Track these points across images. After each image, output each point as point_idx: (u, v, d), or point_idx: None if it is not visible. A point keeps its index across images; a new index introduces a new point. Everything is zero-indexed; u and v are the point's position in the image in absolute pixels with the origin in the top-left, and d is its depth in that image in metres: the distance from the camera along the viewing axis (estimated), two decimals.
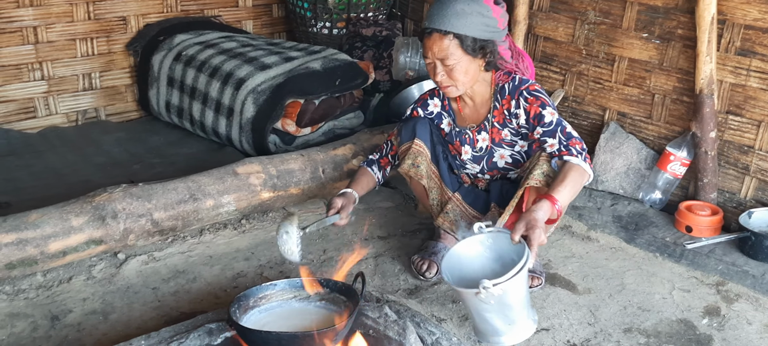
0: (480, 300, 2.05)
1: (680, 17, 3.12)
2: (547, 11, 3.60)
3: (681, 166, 3.17)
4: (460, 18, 2.36)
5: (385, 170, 2.80)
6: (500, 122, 2.58)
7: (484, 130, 2.62)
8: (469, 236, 2.29)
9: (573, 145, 2.39)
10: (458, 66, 2.42)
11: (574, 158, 2.36)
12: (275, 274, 2.73)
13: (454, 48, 2.39)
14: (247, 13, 4.72)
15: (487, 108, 2.60)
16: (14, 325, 2.35)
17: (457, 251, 2.30)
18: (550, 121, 2.43)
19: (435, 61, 2.44)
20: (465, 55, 2.41)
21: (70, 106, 4.12)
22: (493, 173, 2.72)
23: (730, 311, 2.60)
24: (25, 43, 3.87)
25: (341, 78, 3.67)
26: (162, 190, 2.77)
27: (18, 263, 2.45)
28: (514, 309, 2.13)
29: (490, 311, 2.11)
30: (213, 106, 3.73)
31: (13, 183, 3.36)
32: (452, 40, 2.38)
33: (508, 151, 2.63)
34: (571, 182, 2.32)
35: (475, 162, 2.70)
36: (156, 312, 2.47)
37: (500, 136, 2.60)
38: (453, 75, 2.44)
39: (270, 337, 1.87)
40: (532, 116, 2.47)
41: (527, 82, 2.52)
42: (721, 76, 3.04)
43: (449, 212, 2.69)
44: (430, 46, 2.43)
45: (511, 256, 2.20)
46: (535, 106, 2.46)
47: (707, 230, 3.01)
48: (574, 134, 2.42)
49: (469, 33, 2.37)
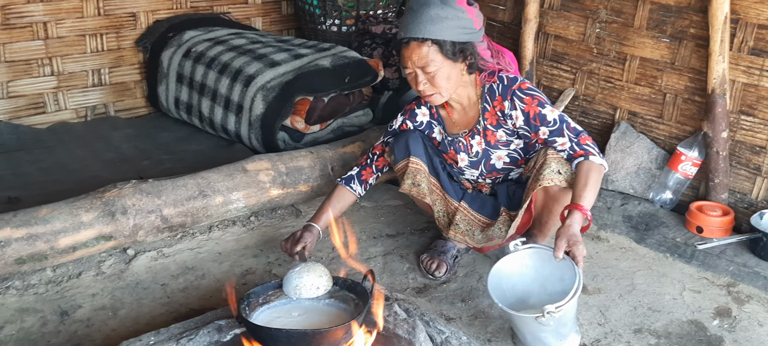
0: (539, 323, 2.08)
1: (693, 16, 3.09)
2: (558, 9, 3.58)
3: (692, 166, 3.15)
4: (435, 23, 2.32)
5: (367, 183, 2.76)
6: (493, 124, 2.55)
7: (477, 134, 2.59)
8: (506, 257, 2.31)
9: (584, 142, 2.38)
10: (440, 72, 2.39)
11: (592, 158, 2.35)
12: (284, 271, 2.71)
13: (434, 54, 2.36)
14: (256, 10, 4.72)
15: (476, 110, 2.57)
16: (24, 320, 2.35)
17: (498, 270, 2.29)
18: (553, 120, 2.41)
19: (415, 70, 2.40)
20: (446, 61, 2.38)
21: (79, 102, 4.12)
22: (492, 176, 2.70)
23: (742, 313, 2.58)
24: (35, 39, 3.88)
25: (351, 75, 3.66)
26: (172, 186, 2.77)
27: (28, 258, 2.46)
28: (567, 326, 2.19)
29: (546, 332, 2.15)
30: (222, 103, 3.73)
31: (23, 178, 3.36)
32: (431, 47, 2.35)
33: (505, 152, 2.61)
34: (593, 184, 2.32)
35: (472, 167, 2.68)
36: (165, 308, 2.47)
37: (495, 137, 2.58)
38: (435, 82, 2.40)
39: (280, 334, 1.87)
40: (532, 117, 2.44)
41: (516, 80, 2.49)
42: (733, 76, 3.02)
43: (459, 223, 2.66)
44: (409, 55, 2.39)
45: (551, 270, 2.24)
46: (533, 106, 2.43)
47: (718, 230, 3.00)
48: (579, 129, 2.42)
49: (447, 37, 2.34)
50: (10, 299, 2.45)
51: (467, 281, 2.73)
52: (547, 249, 2.29)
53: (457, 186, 2.72)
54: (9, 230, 2.43)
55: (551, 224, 2.62)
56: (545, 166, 2.43)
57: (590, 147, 2.38)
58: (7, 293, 2.46)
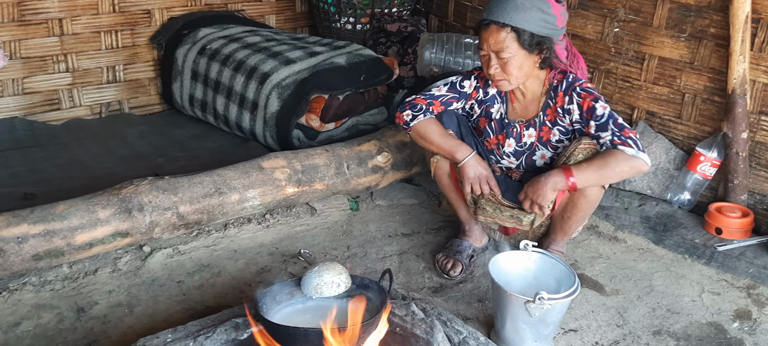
0: (525, 310, 2.14)
1: (713, 16, 3.06)
2: (576, 8, 3.55)
3: (711, 166, 3.12)
4: (519, 12, 2.33)
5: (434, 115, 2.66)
6: (551, 120, 2.55)
7: (533, 127, 2.59)
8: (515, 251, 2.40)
9: (626, 135, 2.37)
10: (513, 60, 2.40)
11: (622, 147, 2.35)
12: (299, 269, 2.71)
13: (511, 41, 2.37)
14: (270, 8, 4.71)
15: (536, 105, 2.58)
16: (40, 316, 2.35)
17: (502, 259, 2.38)
18: (602, 114, 2.41)
19: (490, 54, 2.42)
20: (521, 50, 2.38)
21: (93, 99, 4.13)
22: (529, 171, 2.68)
23: (762, 315, 2.55)
24: (50, 35, 3.88)
25: (366, 74, 3.65)
26: (188, 183, 2.76)
27: (45, 255, 2.46)
28: (548, 329, 2.23)
29: (528, 323, 2.19)
30: (237, 100, 3.72)
31: (38, 174, 3.37)
32: (509, 33, 2.36)
33: (550, 153, 2.60)
34: (599, 163, 2.36)
35: (514, 156, 2.66)
36: (181, 306, 2.47)
37: (548, 135, 2.57)
38: (507, 69, 2.42)
39: (298, 333, 1.85)
40: (585, 110, 2.45)
41: (580, 80, 2.50)
42: (754, 76, 2.99)
43: (486, 206, 2.64)
44: (487, 37, 2.40)
45: (551, 281, 2.33)
46: (587, 100, 2.44)
47: (737, 232, 2.96)
48: (625, 125, 2.40)
49: (527, 27, 2.35)
50: (27, 296, 2.45)
51: (483, 280, 2.71)
52: (554, 259, 2.36)
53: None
54: (26, 226, 2.43)
55: (573, 221, 2.59)
56: (572, 157, 2.45)
57: (630, 140, 2.36)
58: (23, 290, 2.46)
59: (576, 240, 3.00)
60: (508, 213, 2.61)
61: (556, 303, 2.14)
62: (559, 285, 2.28)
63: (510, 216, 2.61)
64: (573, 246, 2.96)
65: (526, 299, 2.13)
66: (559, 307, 2.17)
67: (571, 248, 2.94)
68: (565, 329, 2.42)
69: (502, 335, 2.29)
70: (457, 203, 2.78)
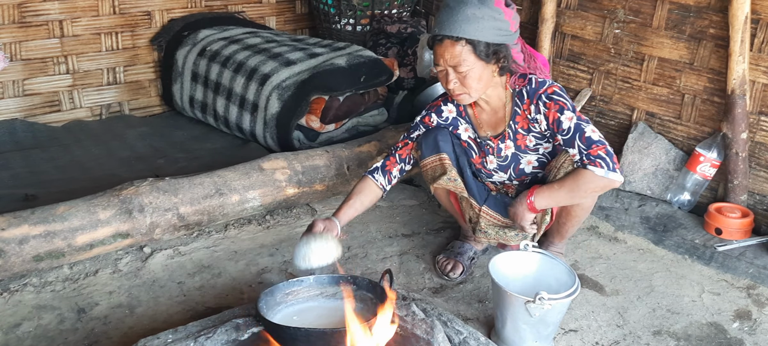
0: (526, 310, 2.15)
1: (712, 16, 3.06)
2: (575, 9, 3.55)
3: (711, 167, 3.12)
4: (471, 23, 2.26)
5: (391, 175, 2.60)
6: (525, 128, 2.49)
7: (509, 138, 2.52)
8: (515, 252, 2.43)
9: (594, 153, 2.28)
10: (471, 73, 2.33)
11: (591, 167, 2.27)
12: (300, 270, 2.71)
13: (467, 54, 2.30)
14: (270, 10, 4.72)
15: (504, 113, 2.51)
16: (41, 317, 2.36)
17: (502, 260, 2.39)
18: (568, 127, 2.33)
19: (447, 69, 2.35)
20: (479, 61, 2.31)
21: (94, 100, 4.13)
22: (521, 179, 2.63)
23: (762, 315, 2.56)
24: (50, 37, 3.89)
25: (366, 75, 3.65)
26: (188, 184, 2.77)
27: (45, 255, 2.46)
28: (548, 329, 2.24)
29: (528, 323, 2.20)
30: (237, 102, 3.73)
31: (39, 176, 3.37)
32: (465, 46, 2.29)
33: (534, 156, 2.55)
34: (570, 184, 2.34)
35: (501, 170, 2.61)
36: (182, 306, 2.47)
37: (525, 142, 2.51)
38: (466, 82, 2.35)
39: (299, 333, 1.86)
40: (551, 122, 2.38)
41: (544, 84, 2.41)
42: (753, 77, 2.99)
43: (487, 229, 2.58)
44: (442, 53, 2.33)
45: (552, 281, 2.33)
46: (553, 111, 2.36)
47: (737, 232, 2.96)
48: (594, 138, 2.29)
49: (482, 38, 2.28)
50: (28, 296, 2.45)
51: (483, 281, 2.71)
52: (555, 259, 2.37)
53: (482, 187, 2.64)
54: (27, 227, 2.43)
55: (569, 226, 2.60)
56: (561, 169, 2.42)
57: (599, 160, 2.27)
58: (24, 291, 2.47)
59: (576, 240, 3.01)
60: (507, 228, 2.57)
61: (556, 303, 2.15)
62: (559, 285, 2.28)
63: (515, 235, 2.56)
64: (573, 246, 2.96)
65: (526, 299, 2.14)
66: (559, 307, 2.18)
67: (571, 249, 2.94)
68: (566, 329, 2.42)
69: (502, 335, 2.30)
70: (458, 216, 2.77)
